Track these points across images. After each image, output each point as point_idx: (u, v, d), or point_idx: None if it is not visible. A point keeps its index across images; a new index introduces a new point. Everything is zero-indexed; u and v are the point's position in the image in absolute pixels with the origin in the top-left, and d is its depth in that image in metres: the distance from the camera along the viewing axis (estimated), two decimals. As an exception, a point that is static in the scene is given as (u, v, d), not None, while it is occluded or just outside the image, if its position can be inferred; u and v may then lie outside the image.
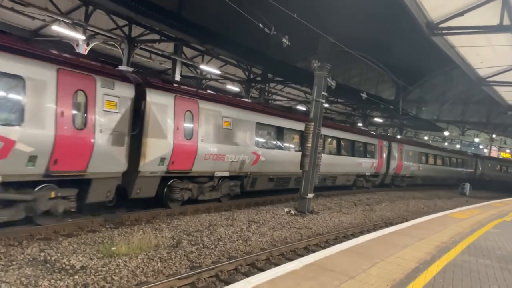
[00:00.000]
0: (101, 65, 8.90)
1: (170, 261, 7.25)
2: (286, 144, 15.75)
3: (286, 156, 15.44)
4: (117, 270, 6.48)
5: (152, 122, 9.79)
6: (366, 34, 24.90)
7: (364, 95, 22.02)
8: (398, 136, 38.35)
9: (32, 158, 7.35)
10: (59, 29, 18.79)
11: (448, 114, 42.20)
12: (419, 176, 29.16)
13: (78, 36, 19.28)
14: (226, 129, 12.31)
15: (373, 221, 13.66)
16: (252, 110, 13.92)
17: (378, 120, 39.88)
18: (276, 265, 7.53)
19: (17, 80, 7.12)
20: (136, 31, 20.00)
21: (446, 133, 48.89)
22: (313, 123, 13.19)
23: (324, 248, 9.01)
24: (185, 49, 22.30)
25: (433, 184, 31.73)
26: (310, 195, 13.45)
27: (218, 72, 24.35)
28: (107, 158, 8.78)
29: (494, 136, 50.34)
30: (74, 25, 19.17)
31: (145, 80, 10.03)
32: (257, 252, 8.37)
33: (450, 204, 21.31)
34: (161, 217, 10.43)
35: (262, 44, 21.92)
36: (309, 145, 13.15)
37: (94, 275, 6.12)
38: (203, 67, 23.53)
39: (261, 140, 14.31)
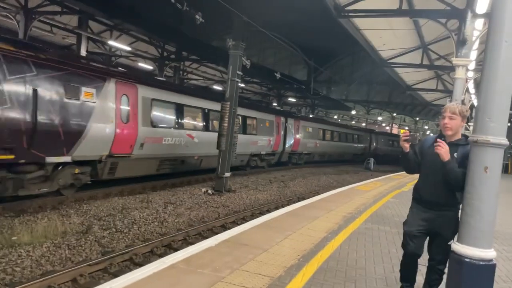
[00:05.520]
0: None
1: (80, 247, 6.88)
2: None
3: None
4: (18, 261, 6.00)
5: None
6: (279, 14, 25.32)
7: (278, 75, 22.54)
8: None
9: None
10: None
11: (355, 94, 44.97)
12: None
13: (-37, 4, 16.99)
14: None
15: (287, 197, 14.23)
16: None
17: (292, 100, 41.19)
18: (193, 244, 7.52)
19: None
20: (34, 1, 18.12)
21: (353, 112, 52.30)
22: (229, 103, 13.20)
23: (240, 224, 9.19)
24: (91, 23, 20.69)
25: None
26: (227, 174, 13.56)
27: (128, 48, 23.12)
28: None
29: (394, 114, 55.02)
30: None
31: None
32: (173, 233, 8.27)
33: (356, 178, 22.94)
34: (69, 202, 9.80)
35: (175, 21, 21.23)
36: (226, 124, 13.16)
37: (-9, 269, 5.58)
38: (111, 43, 22.17)
39: None
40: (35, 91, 8.54)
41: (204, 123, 15.51)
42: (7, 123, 8.00)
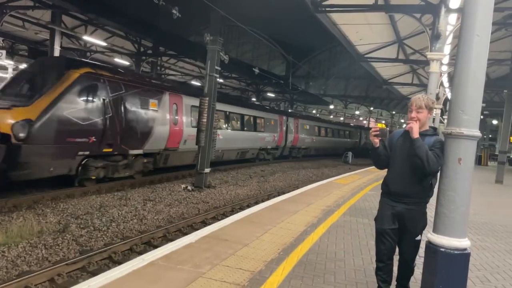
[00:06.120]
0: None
1: (57, 247, 6.73)
2: None
3: None
4: (-7, 262, 5.84)
5: None
6: (257, 9, 25.27)
7: (257, 70, 22.53)
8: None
9: None
10: None
11: (333, 89, 45.34)
12: None
13: None
14: None
15: (267, 191, 14.27)
16: None
17: (270, 95, 41.24)
18: (173, 241, 7.47)
19: None
20: (4, -5, 17.54)
21: (331, 107, 52.79)
22: (207, 98, 13.12)
23: (220, 220, 9.17)
24: (64, 17, 20.18)
25: None
26: (207, 170, 13.50)
27: (104, 44, 22.65)
28: None
29: (372, 108, 55.78)
30: None
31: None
32: (153, 230, 8.19)
33: (335, 171, 23.19)
34: (45, 201, 9.57)
35: (151, 15, 20.89)
36: (204, 120, 13.09)
37: (-37, 271, 5.42)
38: (86, 38, 21.67)
39: None
40: (124, 103, 11.85)
41: (226, 123, 19.04)
42: (110, 126, 11.21)
